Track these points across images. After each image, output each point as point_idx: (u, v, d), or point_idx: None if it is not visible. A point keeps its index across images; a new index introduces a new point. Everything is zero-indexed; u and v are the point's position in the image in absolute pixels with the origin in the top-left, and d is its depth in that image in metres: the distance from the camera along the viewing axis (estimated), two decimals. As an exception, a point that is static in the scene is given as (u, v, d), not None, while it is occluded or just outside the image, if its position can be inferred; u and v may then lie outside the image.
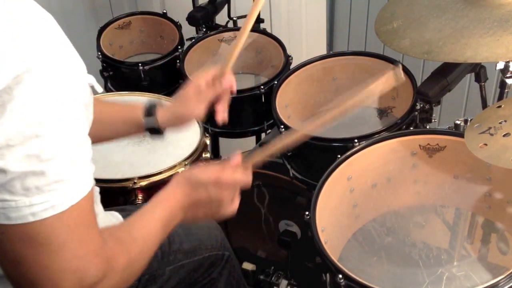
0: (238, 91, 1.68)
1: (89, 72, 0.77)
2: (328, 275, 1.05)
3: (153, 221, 0.88)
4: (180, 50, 1.87)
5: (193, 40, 1.88)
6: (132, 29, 2.02)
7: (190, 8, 1.96)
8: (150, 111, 1.14)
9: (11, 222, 0.67)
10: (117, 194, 1.38)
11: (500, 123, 1.04)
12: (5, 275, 0.73)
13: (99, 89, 0.85)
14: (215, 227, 1.34)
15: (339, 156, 1.20)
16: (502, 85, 1.24)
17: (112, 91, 1.89)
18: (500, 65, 1.21)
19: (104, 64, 1.88)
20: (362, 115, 1.59)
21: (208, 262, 1.27)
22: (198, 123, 1.57)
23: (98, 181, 0.82)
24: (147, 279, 1.15)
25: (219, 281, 1.31)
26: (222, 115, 1.15)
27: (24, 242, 0.68)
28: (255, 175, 1.63)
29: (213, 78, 1.13)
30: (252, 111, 1.72)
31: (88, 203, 0.73)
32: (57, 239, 0.69)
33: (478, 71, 1.34)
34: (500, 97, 1.26)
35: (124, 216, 1.12)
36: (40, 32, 0.68)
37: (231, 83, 1.13)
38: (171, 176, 1.40)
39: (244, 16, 1.95)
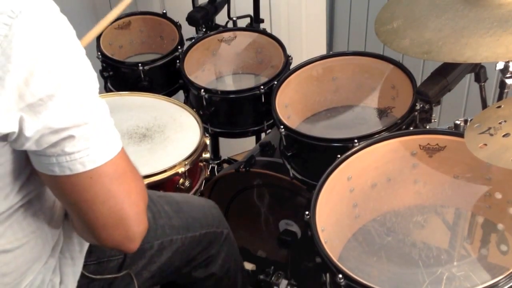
0: (238, 91, 1.69)
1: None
2: (328, 275, 1.05)
3: None
4: (180, 50, 1.86)
5: (193, 40, 1.88)
6: (132, 29, 2.02)
7: (190, 8, 1.96)
8: None
9: (97, 165, 0.79)
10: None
11: (500, 123, 1.04)
12: (88, 225, 0.84)
13: None
14: (212, 205, 1.36)
15: (339, 156, 1.20)
16: (502, 85, 1.24)
17: (112, 91, 1.89)
18: (500, 65, 1.21)
19: (104, 64, 1.88)
20: (362, 115, 1.59)
21: (207, 239, 1.29)
22: (198, 123, 1.57)
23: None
24: (134, 253, 1.15)
25: (218, 257, 1.33)
26: None
27: (110, 178, 0.81)
28: (255, 174, 1.65)
29: None
30: (252, 111, 1.72)
31: None
32: (129, 170, 0.85)
33: (478, 71, 1.34)
34: (500, 97, 1.26)
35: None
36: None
37: None
38: (171, 176, 1.40)
39: (244, 16, 1.97)
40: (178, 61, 1.80)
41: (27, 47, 0.70)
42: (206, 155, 1.53)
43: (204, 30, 1.95)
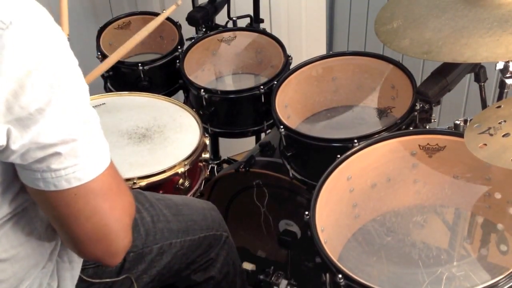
0: (238, 91, 1.69)
1: (89, 72, 0.78)
2: (327, 275, 1.05)
3: None
4: (180, 50, 1.86)
5: (193, 40, 1.88)
6: (131, 29, 2.01)
7: (189, 8, 1.96)
8: None
9: (82, 182, 0.78)
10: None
11: (499, 123, 1.04)
12: (71, 239, 0.85)
13: None
14: (211, 208, 1.36)
15: (339, 156, 1.20)
16: (502, 85, 1.24)
17: (112, 91, 1.89)
18: (500, 65, 1.21)
19: (104, 64, 1.88)
20: (362, 115, 1.59)
21: (207, 243, 1.29)
22: (198, 123, 1.57)
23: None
24: (133, 257, 1.15)
25: (217, 261, 1.33)
26: None
27: (95, 195, 0.80)
28: (255, 174, 1.65)
29: None
30: (252, 111, 1.72)
31: None
32: (115, 185, 0.84)
33: (478, 71, 1.34)
34: (500, 97, 1.26)
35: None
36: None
37: None
38: (170, 176, 1.40)
39: (244, 16, 1.97)
40: (178, 61, 1.80)
41: (17, 59, 0.68)
42: (206, 155, 1.53)
43: (204, 30, 1.95)
